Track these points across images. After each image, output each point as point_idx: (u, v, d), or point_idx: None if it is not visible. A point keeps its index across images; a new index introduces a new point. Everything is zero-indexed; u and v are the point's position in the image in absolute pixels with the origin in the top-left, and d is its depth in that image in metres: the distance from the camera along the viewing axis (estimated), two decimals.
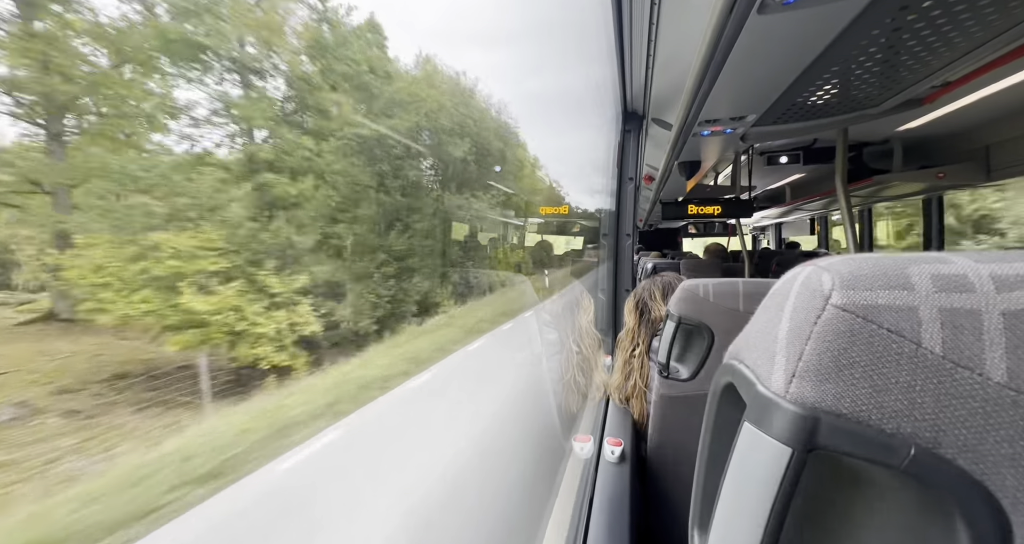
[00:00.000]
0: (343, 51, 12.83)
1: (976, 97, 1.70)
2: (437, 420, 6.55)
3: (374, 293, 12.43)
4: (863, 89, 1.20)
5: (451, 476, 4.39)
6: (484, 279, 16.31)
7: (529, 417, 3.63)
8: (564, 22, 4.76)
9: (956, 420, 0.21)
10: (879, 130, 2.39)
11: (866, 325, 0.22)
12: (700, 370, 0.93)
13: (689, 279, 0.95)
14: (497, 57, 27.59)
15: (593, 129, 2.53)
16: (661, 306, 1.33)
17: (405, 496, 4.10)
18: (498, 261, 18.76)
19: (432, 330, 12.19)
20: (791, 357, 0.24)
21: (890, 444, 0.21)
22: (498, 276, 17.05)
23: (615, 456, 1.06)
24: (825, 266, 0.25)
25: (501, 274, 17.51)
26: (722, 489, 0.28)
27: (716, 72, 0.94)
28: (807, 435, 0.22)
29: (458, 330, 11.76)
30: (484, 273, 16.54)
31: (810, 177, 3.71)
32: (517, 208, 20.02)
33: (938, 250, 1.89)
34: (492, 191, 17.62)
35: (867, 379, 0.22)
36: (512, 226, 19.76)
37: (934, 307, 0.22)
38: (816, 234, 6.20)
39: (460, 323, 12.48)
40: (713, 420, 0.33)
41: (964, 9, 0.79)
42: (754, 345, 0.28)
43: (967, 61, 1.00)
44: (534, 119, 21.17)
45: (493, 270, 17.62)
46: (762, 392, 0.25)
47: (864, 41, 0.90)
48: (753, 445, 0.25)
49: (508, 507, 2.59)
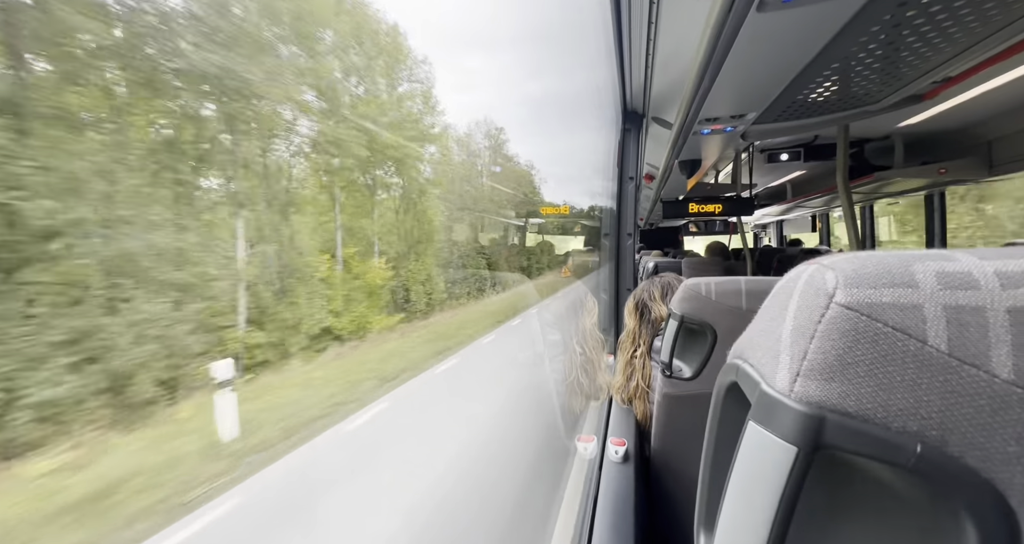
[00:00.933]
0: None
1: (977, 92, 1.69)
2: (442, 418, 6.56)
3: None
4: (863, 86, 1.19)
5: (454, 475, 4.40)
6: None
7: (532, 416, 3.64)
8: (562, 22, 4.76)
9: (963, 418, 0.21)
10: (880, 126, 2.38)
11: (871, 323, 0.22)
12: (703, 369, 0.93)
13: (690, 278, 0.94)
14: (494, 55, 27.56)
15: (592, 129, 2.53)
16: (661, 306, 1.33)
17: (409, 495, 4.11)
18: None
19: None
20: (795, 356, 0.24)
21: (896, 442, 0.21)
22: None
23: (619, 456, 1.06)
24: (829, 264, 0.25)
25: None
26: (727, 489, 0.28)
27: (716, 70, 0.94)
28: (812, 434, 0.22)
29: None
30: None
31: (811, 174, 3.70)
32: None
33: (941, 247, 1.89)
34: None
35: (872, 377, 0.22)
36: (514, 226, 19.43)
37: (939, 304, 0.22)
38: (818, 231, 6.19)
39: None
40: (717, 419, 0.33)
41: (964, 4, 0.78)
42: (758, 344, 0.28)
43: (968, 56, 1.00)
44: (535, 118, 21.05)
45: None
46: (767, 391, 0.25)
47: (864, 38, 0.90)
48: (758, 444, 0.25)
49: (512, 507, 2.59)
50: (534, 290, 14.07)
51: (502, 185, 20.26)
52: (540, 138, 25.27)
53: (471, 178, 19.34)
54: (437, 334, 12.20)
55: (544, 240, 19.24)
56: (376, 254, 13.55)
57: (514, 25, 25.21)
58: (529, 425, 3.91)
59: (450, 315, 14.55)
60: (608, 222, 2.44)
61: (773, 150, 2.67)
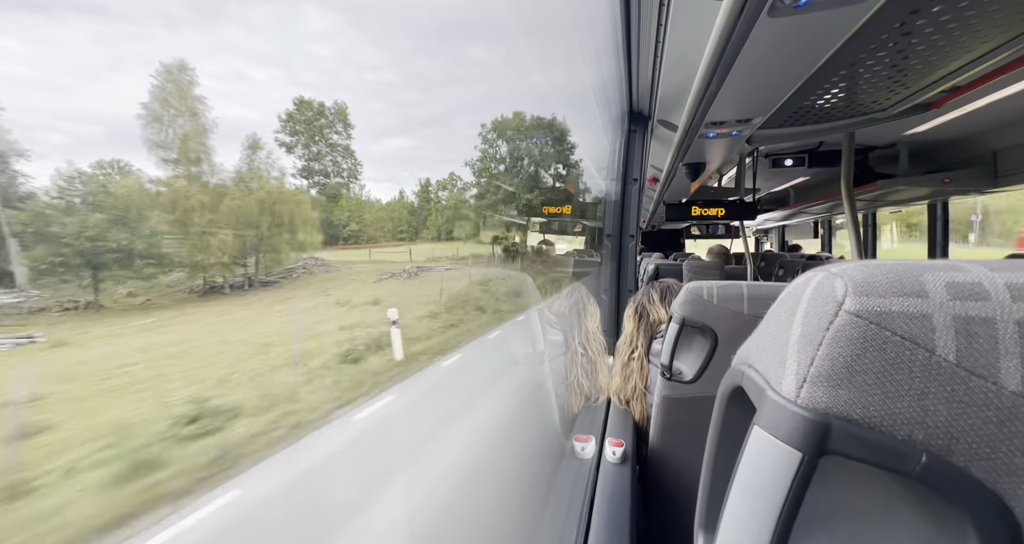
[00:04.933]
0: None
1: (984, 102, 1.69)
2: (443, 417, 6.56)
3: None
4: (871, 93, 1.19)
5: (453, 475, 4.40)
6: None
7: (530, 415, 3.62)
8: (571, 24, 4.77)
9: (969, 428, 0.21)
10: (885, 134, 2.38)
11: (879, 332, 0.22)
12: (703, 372, 0.93)
13: (692, 282, 0.95)
14: (498, 51, 27.51)
15: (597, 129, 2.53)
16: (659, 309, 1.34)
17: (408, 496, 4.10)
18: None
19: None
20: (802, 362, 0.24)
21: (902, 451, 0.21)
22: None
23: (616, 457, 1.06)
24: (837, 272, 0.25)
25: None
26: (730, 492, 0.28)
27: (724, 74, 0.94)
28: (818, 440, 0.22)
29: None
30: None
31: (815, 180, 3.69)
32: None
33: (943, 256, 1.88)
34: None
35: (879, 385, 0.22)
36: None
37: (948, 315, 0.22)
38: (820, 237, 6.18)
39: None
40: (720, 423, 0.33)
41: (975, 15, 0.78)
42: (764, 350, 0.28)
43: (977, 66, 1.00)
44: (536, 114, 21.26)
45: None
46: (773, 397, 0.25)
47: (874, 45, 0.90)
48: (763, 449, 0.25)
49: (507, 506, 2.58)
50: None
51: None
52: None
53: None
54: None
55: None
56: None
57: (513, 22, 25.18)
58: (526, 421, 3.89)
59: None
60: (611, 222, 2.44)
61: (777, 155, 2.67)
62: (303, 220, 13.38)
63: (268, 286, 12.72)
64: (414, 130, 29.82)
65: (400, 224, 22.29)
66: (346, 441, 6.01)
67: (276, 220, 12.77)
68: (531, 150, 20.14)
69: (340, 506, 4.29)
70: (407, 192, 23.46)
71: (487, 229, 20.20)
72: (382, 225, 21.83)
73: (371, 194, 24.20)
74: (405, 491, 4.14)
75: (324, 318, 10.83)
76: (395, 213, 22.52)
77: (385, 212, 22.31)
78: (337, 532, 3.91)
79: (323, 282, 13.91)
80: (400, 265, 15.66)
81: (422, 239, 21.71)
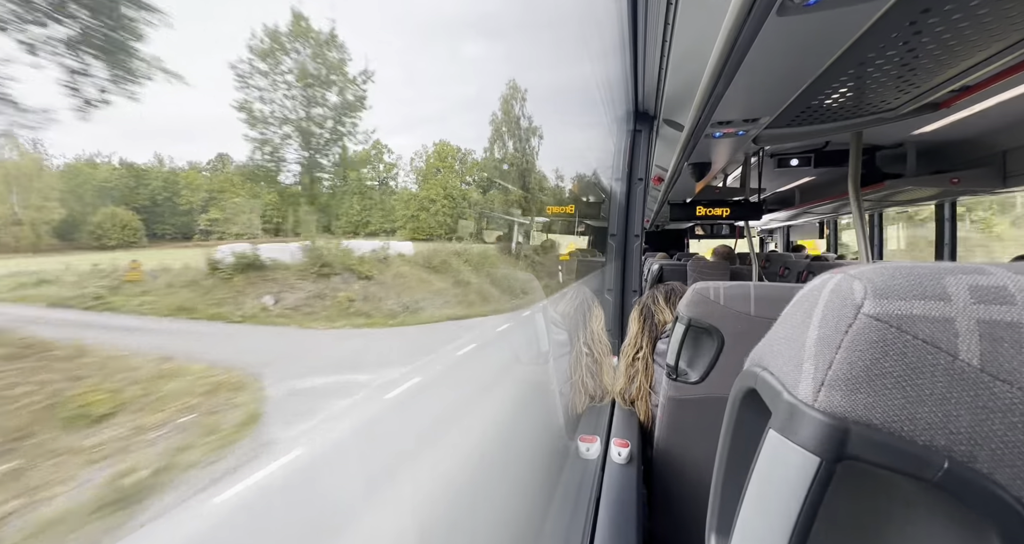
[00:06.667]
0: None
1: (994, 101, 1.67)
2: (447, 416, 6.56)
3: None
4: (880, 92, 1.18)
5: (458, 475, 4.40)
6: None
7: (535, 415, 3.62)
8: (577, 23, 4.74)
9: (993, 434, 0.21)
10: (893, 134, 2.36)
11: (900, 335, 0.22)
12: (709, 373, 0.93)
13: (699, 282, 0.94)
14: (501, 49, 27.41)
15: (603, 128, 2.52)
16: (664, 310, 1.34)
17: (409, 495, 4.11)
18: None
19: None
20: (820, 366, 0.24)
21: (923, 457, 0.21)
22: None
23: (622, 457, 1.05)
24: (856, 274, 0.24)
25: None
26: (745, 496, 0.28)
27: (731, 73, 0.93)
28: (836, 445, 0.22)
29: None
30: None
31: (821, 180, 3.67)
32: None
33: (951, 258, 1.87)
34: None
35: (900, 390, 0.22)
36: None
37: (972, 319, 0.22)
38: (825, 238, 6.15)
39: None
40: (732, 426, 0.33)
41: (987, 13, 0.77)
42: (779, 352, 0.28)
43: (987, 66, 0.99)
44: (538, 115, 21.33)
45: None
46: (789, 400, 0.24)
47: (883, 43, 0.89)
48: (779, 453, 0.24)
49: (512, 505, 2.58)
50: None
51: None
52: (547, 131, 25.33)
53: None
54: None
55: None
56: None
57: (516, 20, 24.99)
58: (530, 421, 3.88)
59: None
60: (615, 222, 2.43)
61: (783, 155, 2.65)
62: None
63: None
64: (414, 128, 29.90)
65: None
66: (351, 438, 6.02)
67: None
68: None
69: (345, 505, 4.30)
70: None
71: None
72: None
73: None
74: (411, 490, 4.15)
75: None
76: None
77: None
78: (344, 531, 3.92)
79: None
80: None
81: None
